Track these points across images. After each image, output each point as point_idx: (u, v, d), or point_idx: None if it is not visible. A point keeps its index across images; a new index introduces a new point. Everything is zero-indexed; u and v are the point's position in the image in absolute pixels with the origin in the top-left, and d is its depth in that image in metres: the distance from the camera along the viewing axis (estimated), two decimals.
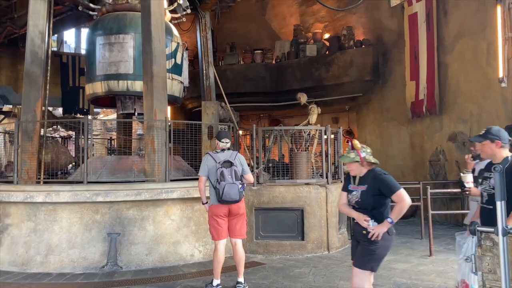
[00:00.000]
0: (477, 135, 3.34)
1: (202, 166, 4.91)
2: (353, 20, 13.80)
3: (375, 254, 3.40)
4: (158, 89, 6.88)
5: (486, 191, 3.32)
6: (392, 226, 3.38)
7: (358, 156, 3.49)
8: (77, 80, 14.17)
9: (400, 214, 3.37)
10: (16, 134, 6.84)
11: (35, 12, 7.38)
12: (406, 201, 3.35)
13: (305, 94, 8.52)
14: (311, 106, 8.05)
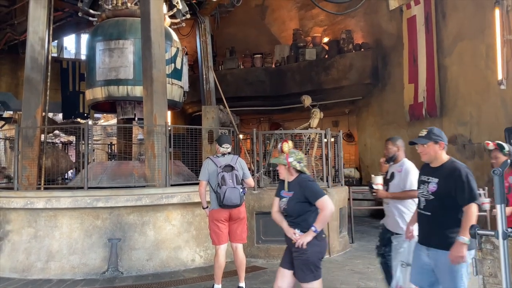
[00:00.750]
0: (420, 137, 3.26)
1: (203, 171, 4.91)
2: (352, 24, 13.84)
3: (309, 263, 3.36)
4: (158, 94, 6.90)
5: (424, 196, 3.19)
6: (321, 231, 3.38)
7: (285, 160, 3.43)
8: (77, 85, 14.20)
9: (324, 222, 3.35)
10: (16, 140, 6.85)
11: (35, 19, 7.41)
12: (329, 209, 3.33)
13: (309, 97, 8.52)
14: (314, 110, 8.05)
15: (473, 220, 2.85)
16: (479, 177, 8.84)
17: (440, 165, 3.16)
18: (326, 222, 3.36)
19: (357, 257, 6.80)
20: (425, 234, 3.17)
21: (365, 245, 7.74)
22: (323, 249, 3.47)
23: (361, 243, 7.87)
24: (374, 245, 7.60)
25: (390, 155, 4.27)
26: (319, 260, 3.39)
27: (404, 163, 4.16)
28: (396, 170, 4.15)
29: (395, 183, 4.13)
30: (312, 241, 3.33)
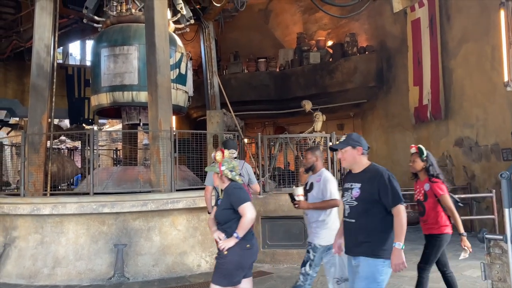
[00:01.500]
0: (339, 142, 3.24)
1: (208, 176, 4.90)
2: (356, 27, 13.83)
3: (223, 269, 3.37)
4: (163, 99, 6.92)
5: (348, 203, 3.12)
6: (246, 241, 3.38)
7: (218, 168, 3.50)
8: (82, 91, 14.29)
9: (244, 228, 3.33)
10: (22, 146, 6.89)
11: (40, 26, 7.47)
12: (248, 215, 3.32)
13: (309, 102, 8.52)
14: (316, 114, 8.04)
15: (404, 222, 2.83)
16: (486, 179, 8.78)
17: (362, 170, 3.11)
18: (246, 228, 3.35)
19: None
20: (351, 243, 3.08)
21: None
22: (244, 261, 3.43)
23: None
24: None
25: (308, 165, 4.25)
26: (235, 269, 3.37)
27: (323, 172, 4.15)
28: (315, 180, 4.13)
29: (313, 193, 4.11)
30: (234, 249, 3.34)
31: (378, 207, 2.93)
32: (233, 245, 3.32)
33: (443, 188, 4.13)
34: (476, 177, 9.12)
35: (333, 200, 3.97)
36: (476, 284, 5.23)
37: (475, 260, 6.49)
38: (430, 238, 4.24)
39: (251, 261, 3.51)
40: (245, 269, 3.45)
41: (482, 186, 8.90)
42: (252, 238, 3.50)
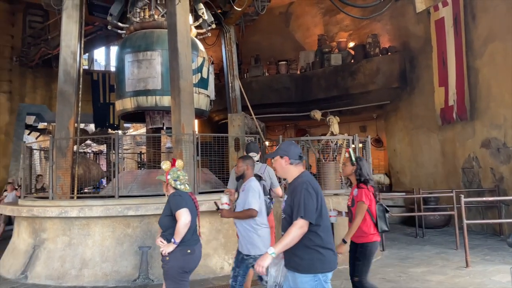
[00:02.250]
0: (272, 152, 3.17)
1: (231, 180, 4.91)
2: (378, 28, 13.68)
3: (168, 274, 3.57)
4: (185, 103, 7.01)
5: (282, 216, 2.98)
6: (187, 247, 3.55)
7: (164, 177, 3.72)
8: (107, 96, 14.61)
9: (178, 233, 3.48)
10: (51, 151, 7.10)
11: (67, 33, 7.69)
12: (181, 221, 3.48)
13: (318, 110, 8.45)
14: (329, 118, 7.96)
15: (292, 236, 2.71)
16: None
17: (291, 181, 2.98)
18: (181, 233, 3.48)
19: (388, 265, 6.65)
20: (285, 256, 2.92)
21: (396, 252, 7.57)
22: (186, 265, 3.58)
23: (392, 251, 7.70)
24: (405, 253, 7.48)
25: (239, 173, 4.27)
26: (179, 273, 3.54)
27: (249, 181, 4.16)
28: (241, 189, 4.15)
29: (239, 202, 4.15)
30: (176, 254, 3.52)
31: None
32: (172, 250, 3.50)
33: (366, 194, 3.99)
34: (505, 179, 8.86)
35: (249, 210, 3.95)
36: None
37: (504, 264, 6.33)
38: (360, 247, 4.06)
39: (194, 266, 3.67)
40: (189, 273, 3.61)
41: (511, 189, 8.64)
42: (195, 244, 3.66)
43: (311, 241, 2.78)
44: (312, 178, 2.96)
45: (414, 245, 8.27)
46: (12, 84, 14.16)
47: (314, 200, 2.79)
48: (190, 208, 3.60)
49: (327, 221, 2.91)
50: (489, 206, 9.27)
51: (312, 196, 2.80)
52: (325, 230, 2.84)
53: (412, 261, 6.83)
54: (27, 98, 14.51)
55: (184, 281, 3.56)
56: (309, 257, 2.78)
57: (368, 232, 4.01)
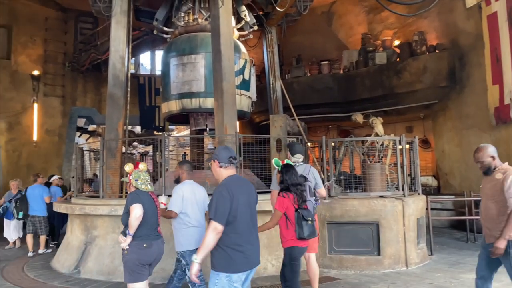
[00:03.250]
0: None
1: (274, 180, 4.91)
2: (424, 25, 13.21)
3: (126, 266, 3.91)
4: (228, 105, 7.09)
5: None
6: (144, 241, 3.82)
7: (127, 178, 4.09)
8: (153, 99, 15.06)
9: (131, 225, 3.80)
10: (101, 151, 7.41)
11: (116, 39, 7.99)
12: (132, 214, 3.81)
13: (359, 113, 8.28)
14: (372, 119, 7.75)
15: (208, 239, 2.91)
16: None
17: None
18: (132, 225, 3.81)
19: (437, 270, 6.39)
20: None
21: (445, 257, 7.26)
22: (142, 258, 3.89)
23: (441, 256, 7.40)
24: (455, 258, 7.16)
25: (176, 177, 4.71)
26: (136, 265, 3.83)
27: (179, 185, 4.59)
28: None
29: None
30: (133, 248, 3.86)
31: None
32: (129, 242, 3.85)
33: (280, 202, 4.10)
34: None
35: (168, 211, 4.42)
36: None
37: None
38: (284, 252, 4.30)
39: (150, 260, 3.91)
40: (146, 266, 3.88)
41: None
42: (154, 239, 3.96)
43: (221, 241, 2.97)
44: (233, 181, 3.11)
45: (465, 250, 7.90)
46: (64, 89, 14.95)
47: (228, 203, 2.94)
48: (147, 206, 3.94)
49: (244, 224, 3.02)
50: None
51: (225, 199, 2.95)
52: (239, 232, 2.99)
53: (464, 267, 6.52)
54: (78, 101, 15.26)
55: (141, 274, 3.86)
56: (217, 255, 3.00)
57: (287, 238, 4.17)
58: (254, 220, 3.20)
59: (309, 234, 4.08)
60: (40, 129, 14.24)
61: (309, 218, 4.09)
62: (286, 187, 4.18)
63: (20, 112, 13.93)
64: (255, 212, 3.25)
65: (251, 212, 3.15)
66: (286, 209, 4.11)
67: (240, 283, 2.99)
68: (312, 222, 4.10)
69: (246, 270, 3.02)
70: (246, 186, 3.22)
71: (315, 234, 4.20)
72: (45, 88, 14.52)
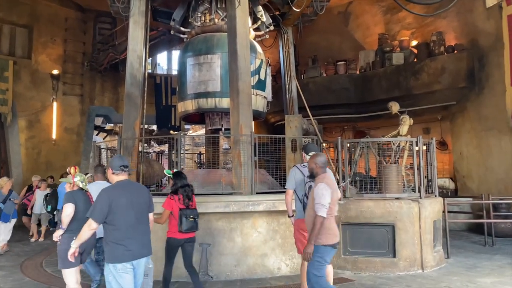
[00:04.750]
0: None
1: (290, 179, 4.91)
2: (443, 25, 13.02)
3: (59, 255, 4.45)
4: (243, 105, 7.11)
5: None
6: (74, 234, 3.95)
7: (71, 179, 4.64)
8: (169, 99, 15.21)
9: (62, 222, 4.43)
10: (118, 150, 7.52)
11: (133, 39, 8.09)
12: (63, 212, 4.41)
13: (397, 103, 8.13)
14: (403, 117, 7.62)
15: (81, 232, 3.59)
16: None
17: None
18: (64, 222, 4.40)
19: (453, 273, 6.30)
20: None
21: (462, 261, 7.15)
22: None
23: (458, 259, 7.29)
24: (472, 261, 7.05)
25: None
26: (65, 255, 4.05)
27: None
28: None
29: None
30: (64, 240, 4.38)
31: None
32: (61, 234, 4.42)
33: (168, 202, 4.93)
34: None
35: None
36: None
37: None
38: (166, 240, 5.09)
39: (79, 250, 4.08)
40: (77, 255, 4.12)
41: None
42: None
43: (107, 237, 3.56)
44: (119, 186, 3.65)
45: (482, 253, 7.77)
46: (83, 88, 15.21)
47: (105, 204, 3.47)
48: (81, 204, 4.48)
49: (126, 222, 3.53)
50: None
51: (103, 200, 3.50)
52: (120, 229, 3.50)
53: (481, 271, 6.41)
54: (96, 100, 15.50)
55: (72, 262, 4.14)
56: (106, 249, 3.58)
57: (171, 230, 4.99)
58: (142, 218, 3.70)
59: (187, 229, 4.89)
60: (59, 127, 14.52)
61: (191, 216, 4.91)
62: (175, 190, 5.00)
63: (39, 110, 14.23)
64: (144, 211, 3.76)
65: (136, 212, 3.62)
66: (172, 208, 4.92)
67: (126, 270, 3.50)
68: (192, 219, 4.93)
69: (129, 261, 3.52)
70: (135, 190, 3.77)
71: (194, 229, 5.00)
72: (64, 87, 14.80)
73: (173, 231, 4.96)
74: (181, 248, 5.07)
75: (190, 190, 5.07)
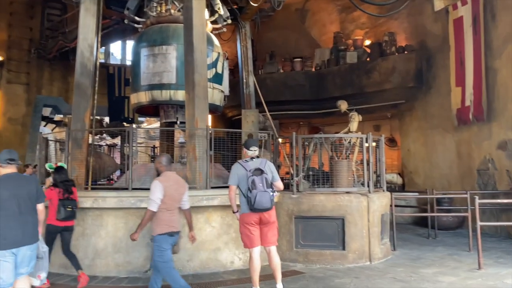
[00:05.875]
0: None
1: (232, 175, 4.92)
2: (394, 26, 13.53)
3: None
4: (199, 98, 7.04)
5: None
6: None
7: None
8: (122, 90, 14.76)
9: None
10: (66, 142, 7.20)
11: (84, 26, 7.77)
12: None
13: (345, 102, 8.41)
14: (352, 114, 7.92)
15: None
16: None
17: None
18: None
19: (399, 265, 6.60)
20: None
21: (407, 253, 7.51)
22: None
23: (403, 251, 7.64)
24: (417, 253, 7.42)
25: None
26: None
27: None
28: None
29: None
30: None
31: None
32: None
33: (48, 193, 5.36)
34: None
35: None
36: None
37: None
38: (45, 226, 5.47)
39: None
40: None
41: None
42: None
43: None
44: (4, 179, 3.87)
45: (426, 246, 8.19)
46: (29, 76, 14.39)
47: None
48: None
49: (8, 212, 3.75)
50: (504, 209, 9.12)
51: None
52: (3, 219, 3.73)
53: (424, 262, 6.77)
54: (44, 90, 14.72)
55: None
56: None
57: (50, 218, 5.43)
58: (26, 209, 3.91)
59: (64, 218, 5.45)
60: (2, 117, 13.66)
61: (69, 206, 5.49)
62: (55, 184, 5.54)
63: None
64: (29, 202, 3.95)
65: (19, 203, 3.84)
66: (52, 198, 5.43)
67: (5, 259, 3.71)
68: (70, 209, 5.49)
69: (7, 249, 3.72)
70: (21, 182, 3.97)
71: (72, 218, 5.54)
72: (9, 75, 13.93)
73: (52, 219, 5.46)
74: (60, 235, 5.58)
75: (69, 185, 5.67)
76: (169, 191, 4.47)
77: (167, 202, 4.46)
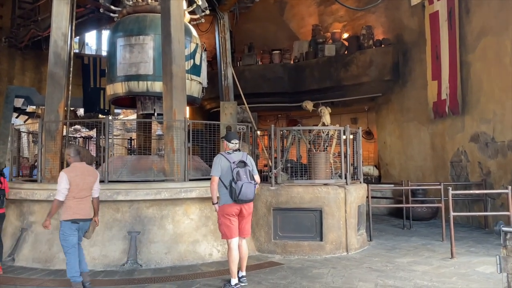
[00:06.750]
0: None
1: (215, 166, 4.92)
2: (372, 20, 13.67)
3: None
4: (177, 89, 6.95)
5: None
6: None
7: None
8: (98, 81, 14.41)
9: None
10: (40, 134, 7.01)
11: (58, 15, 7.54)
12: None
13: (310, 101, 8.50)
14: (321, 109, 7.99)
15: None
16: (502, 176, 8.65)
17: None
18: None
19: (375, 255, 6.73)
20: None
21: (383, 243, 7.66)
22: None
23: (379, 241, 7.79)
24: (392, 243, 7.59)
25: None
26: None
27: None
28: None
29: None
30: None
31: None
32: None
33: None
34: (492, 173, 8.99)
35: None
36: (490, 280, 5.18)
37: (488, 256, 6.47)
38: None
39: None
40: None
41: (498, 183, 8.77)
42: None
43: None
44: None
45: (401, 236, 8.38)
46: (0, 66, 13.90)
47: None
48: None
49: None
50: (476, 199, 9.41)
51: None
52: None
53: (399, 252, 6.92)
54: (16, 80, 14.24)
55: None
56: None
57: None
58: None
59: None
60: None
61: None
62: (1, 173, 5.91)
63: None
64: None
65: None
66: None
67: None
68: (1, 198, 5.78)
69: None
70: None
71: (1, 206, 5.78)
72: None
73: None
74: None
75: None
76: (75, 181, 4.72)
77: (74, 191, 4.71)
